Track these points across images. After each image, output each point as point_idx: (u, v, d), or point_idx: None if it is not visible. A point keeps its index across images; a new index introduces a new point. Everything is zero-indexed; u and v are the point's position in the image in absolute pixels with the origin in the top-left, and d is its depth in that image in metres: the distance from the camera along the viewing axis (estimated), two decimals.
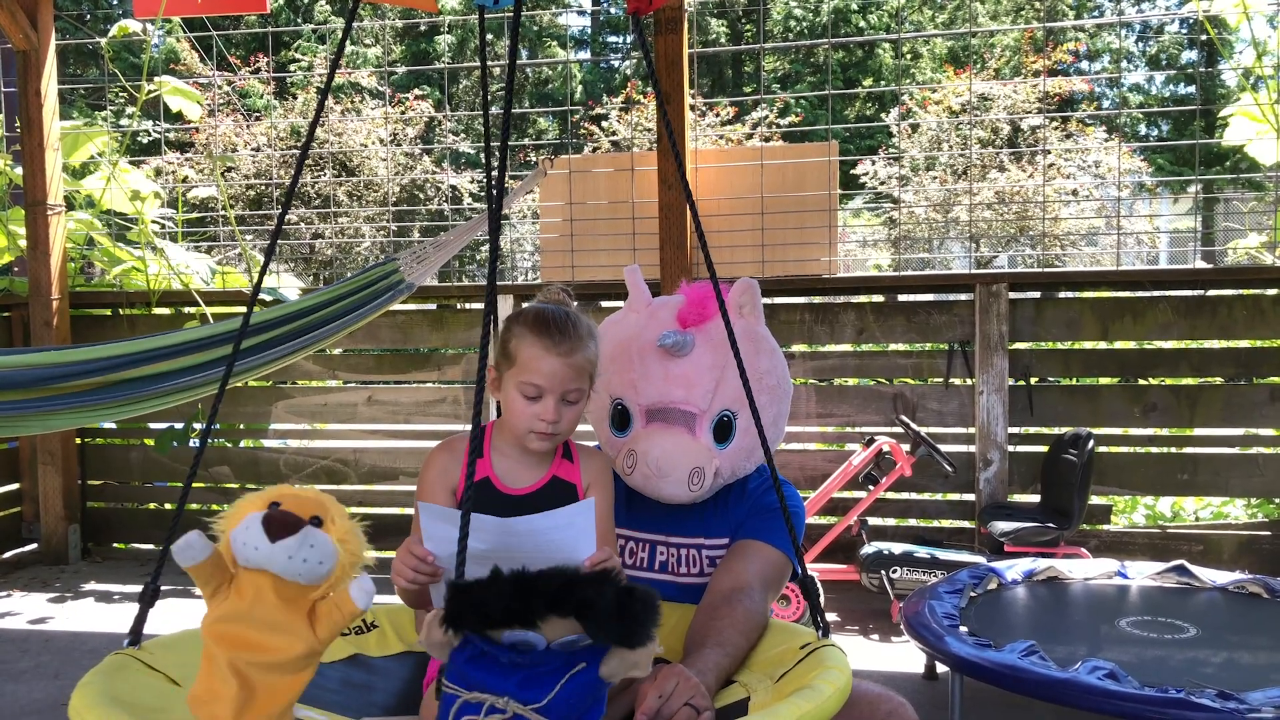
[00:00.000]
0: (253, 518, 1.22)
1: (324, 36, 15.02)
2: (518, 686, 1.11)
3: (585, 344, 1.67)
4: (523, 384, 1.64)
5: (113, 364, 3.13)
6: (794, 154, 4.81)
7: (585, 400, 1.70)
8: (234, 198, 8.05)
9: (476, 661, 1.13)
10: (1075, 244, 8.89)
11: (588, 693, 1.13)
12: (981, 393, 4.23)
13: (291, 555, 1.20)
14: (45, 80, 4.68)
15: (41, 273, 4.73)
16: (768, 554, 1.92)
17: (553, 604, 1.07)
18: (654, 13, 4.19)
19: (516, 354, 1.65)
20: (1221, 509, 4.95)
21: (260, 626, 1.21)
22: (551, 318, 1.67)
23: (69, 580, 4.65)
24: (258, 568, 1.21)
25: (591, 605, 1.06)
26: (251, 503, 1.26)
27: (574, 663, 1.12)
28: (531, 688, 1.11)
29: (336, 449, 4.94)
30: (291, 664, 1.23)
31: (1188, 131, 13.49)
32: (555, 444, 1.70)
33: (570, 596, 1.06)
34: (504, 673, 1.12)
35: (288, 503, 1.24)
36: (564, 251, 4.69)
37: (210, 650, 1.23)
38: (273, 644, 1.21)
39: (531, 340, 1.64)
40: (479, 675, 1.13)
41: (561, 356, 1.63)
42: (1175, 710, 2.17)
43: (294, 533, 1.20)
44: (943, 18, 18.44)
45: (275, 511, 1.22)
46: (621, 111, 9.09)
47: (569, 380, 1.64)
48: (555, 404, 1.63)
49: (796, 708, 1.34)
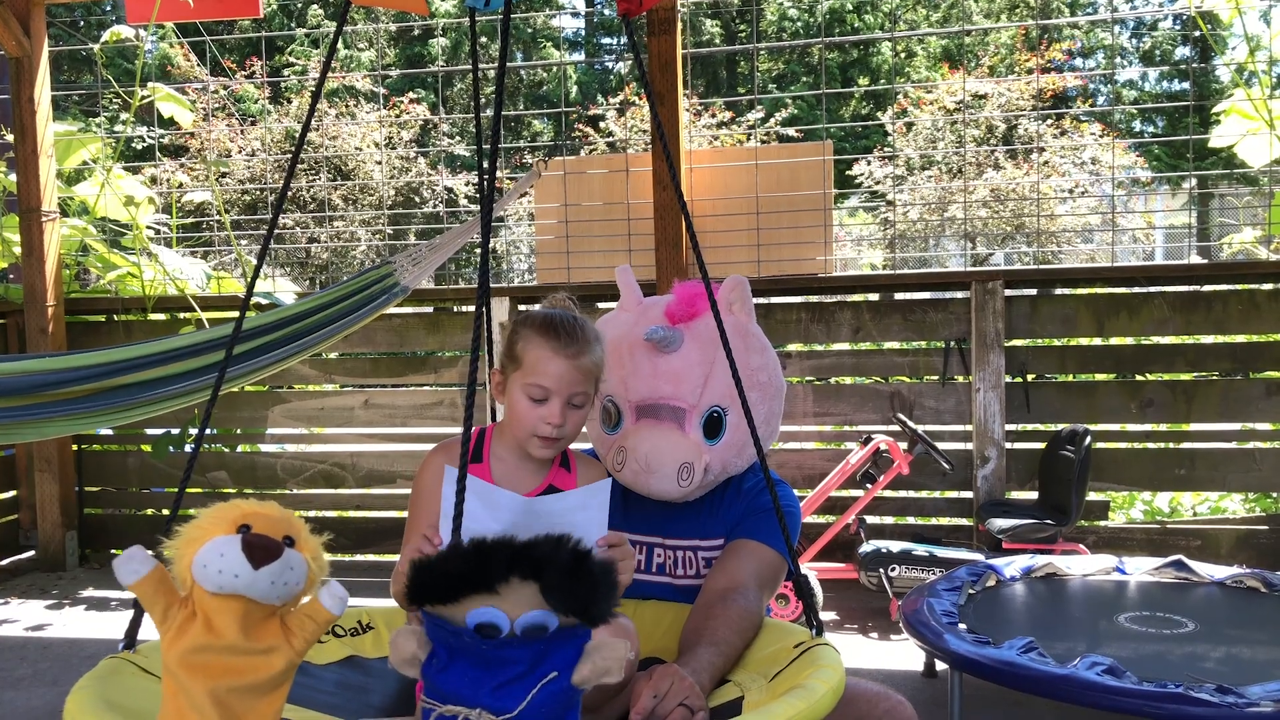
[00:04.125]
0: (226, 543, 1.17)
1: (317, 40, 15.02)
2: (490, 697, 1.11)
3: (592, 347, 1.67)
4: (529, 386, 1.63)
5: (109, 370, 3.12)
6: (789, 154, 4.80)
7: (589, 406, 1.69)
8: (229, 203, 8.05)
9: (446, 672, 1.13)
10: (1071, 241, 8.90)
11: (560, 701, 1.13)
12: (978, 390, 4.23)
13: (274, 580, 1.17)
14: (38, 87, 4.67)
15: (36, 279, 4.73)
16: (763, 554, 1.92)
17: (510, 564, 1.08)
18: (647, 14, 4.19)
19: (523, 356, 1.65)
20: (1219, 504, 4.95)
21: (238, 652, 1.18)
22: (559, 321, 1.67)
23: (66, 587, 4.65)
24: (232, 594, 1.17)
25: (548, 562, 1.08)
26: (214, 524, 1.20)
27: (545, 670, 1.12)
28: (504, 698, 1.11)
29: (334, 453, 4.93)
30: (272, 681, 1.21)
31: (1182, 127, 13.51)
32: (558, 450, 1.69)
33: (528, 554, 1.08)
34: (475, 682, 1.11)
35: (257, 523, 1.19)
36: (560, 253, 4.69)
37: (181, 683, 1.17)
38: (252, 665, 1.19)
39: (539, 342, 1.64)
40: (451, 687, 1.12)
41: (569, 359, 1.63)
42: (1174, 705, 2.17)
43: (276, 557, 1.17)
44: (937, 16, 18.47)
45: (255, 537, 1.17)
46: (617, 113, 9.09)
47: (576, 383, 1.64)
48: (561, 407, 1.63)
49: (790, 707, 1.34)
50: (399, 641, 1.16)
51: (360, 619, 1.93)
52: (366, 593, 4.12)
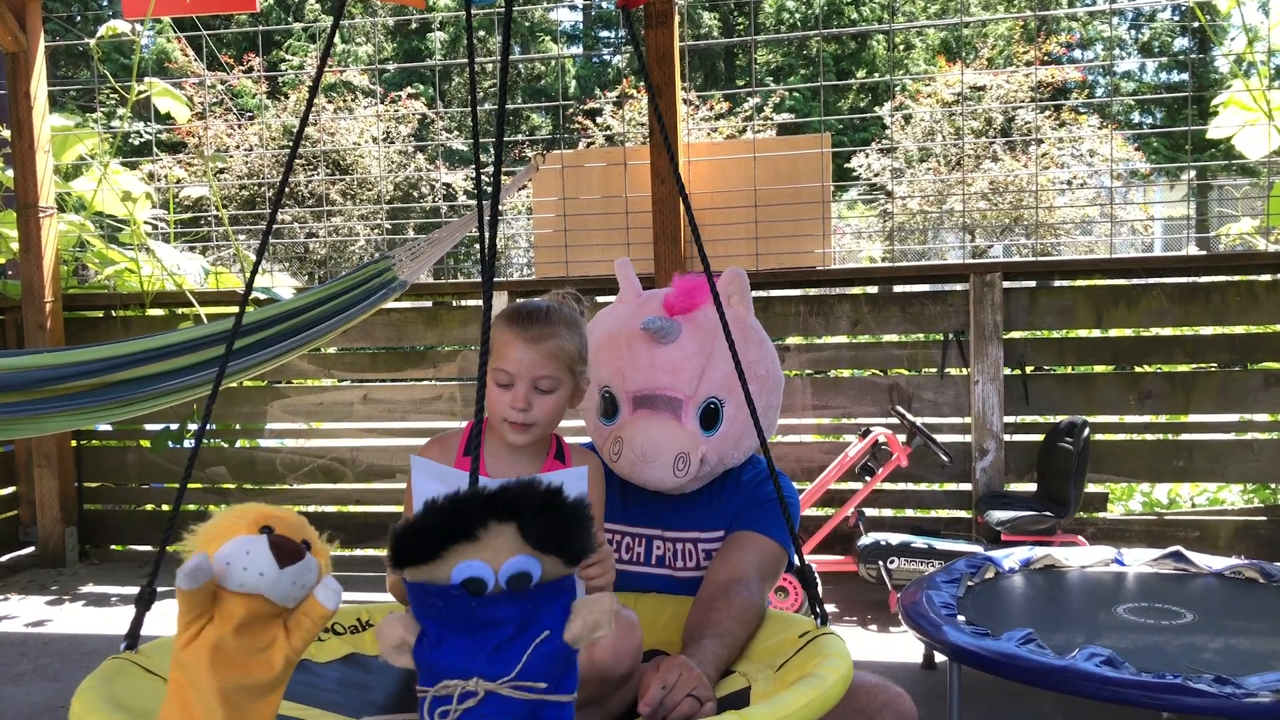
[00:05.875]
0: (252, 542, 1.19)
1: (314, 35, 14.98)
2: (485, 664, 1.11)
3: (557, 331, 1.68)
4: (495, 371, 1.66)
5: (107, 365, 3.12)
6: (787, 146, 4.80)
7: (563, 392, 1.69)
8: (227, 198, 8.04)
9: (438, 649, 1.13)
10: (1069, 233, 8.89)
11: (557, 662, 1.13)
12: (977, 382, 4.24)
13: (294, 581, 1.20)
14: (35, 82, 4.66)
15: (34, 275, 4.72)
16: (764, 545, 1.92)
17: (486, 507, 1.10)
18: (645, 6, 4.18)
19: (494, 344, 1.67)
20: (1217, 495, 4.96)
21: (247, 649, 1.20)
22: (525, 307, 1.70)
23: (67, 583, 4.65)
24: (253, 592, 1.19)
25: (522, 499, 1.10)
26: (235, 524, 1.22)
27: (536, 630, 1.12)
28: (498, 663, 1.11)
29: (333, 448, 4.93)
30: (273, 681, 1.22)
31: (1180, 118, 13.49)
32: (532, 437, 1.69)
33: (502, 496, 1.10)
34: (468, 653, 1.12)
35: (278, 526, 1.22)
36: (558, 247, 4.69)
37: (192, 678, 1.18)
38: (257, 662, 1.21)
39: (504, 329, 1.68)
40: (445, 661, 1.12)
41: (528, 342, 1.65)
42: (1172, 695, 2.18)
43: (300, 559, 1.20)
44: (935, 8, 18.44)
45: (280, 538, 1.21)
46: (615, 106, 9.07)
47: (538, 366, 1.65)
48: (526, 390, 1.65)
49: (802, 695, 1.33)
50: (384, 630, 1.15)
51: (360, 616, 1.93)
52: (366, 588, 4.14)
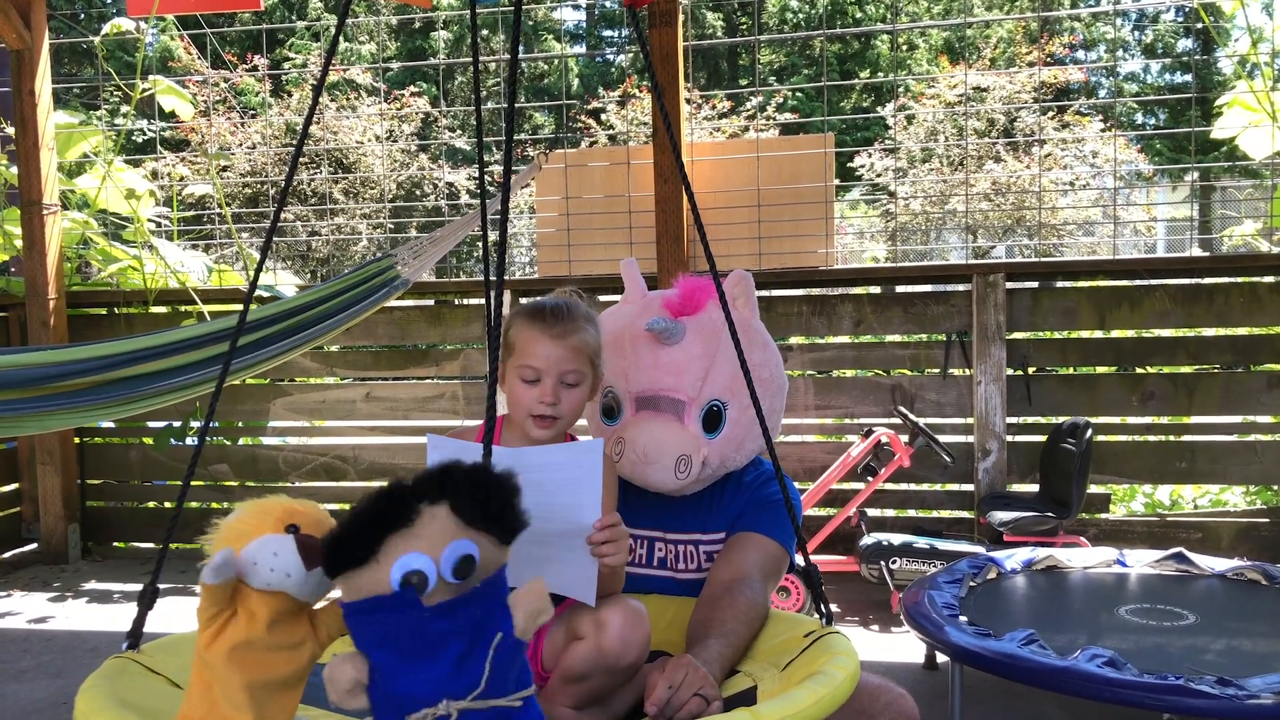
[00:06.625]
0: (279, 541, 1.18)
1: (318, 33, 14.99)
2: (449, 683, 1.08)
3: (581, 327, 1.70)
4: (521, 368, 1.67)
5: (110, 363, 3.13)
6: (790, 146, 4.80)
7: (587, 385, 1.72)
8: (230, 196, 8.04)
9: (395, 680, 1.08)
10: (1072, 234, 8.88)
11: (514, 659, 1.12)
12: (979, 383, 4.24)
13: (321, 580, 1.19)
14: (39, 79, 4.67)
15: (38, 272, 4.73)
16: (766, 546, 1.92)
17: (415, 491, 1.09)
18: (649, 6, 4.18)
19: (515, 342, 1.70)
20: (1220, 496, 4.95)
21: (274, 647, 1.19)
22: (546, 304, 1.72)
23: (69, 580, 4.66)
24: (278, 590, 1.18)
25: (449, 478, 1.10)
26: (259, 521, 1.20)
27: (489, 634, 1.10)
28: (462, 677, 1.08)
29: (335, 446, 4.94)
30: (298, 676, 1.22)
31: (1184, 119, 13.48)
32: (558, 431, 1.70)
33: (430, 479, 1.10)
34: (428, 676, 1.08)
35: (303, 523, 1.21)
36: (561, 246, 4.69)
37: (219, 676, 1.18)
38: (284, 659, 1.20)
39: (527, 326, 1.69)
40: (407, 691, 1.08)
41: (555, 338, 1.67)
42: (1174, 697, 2.18)
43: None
44: (938, 8, 18.42)
45: (307, 538, 1.19)
46: (618, 105, 9.07)
47: (565, 361, 1.67)
48: (554, 385, 1.66)
49: (813, 693, 1.33)
50: (334, 673, 1.09)
51: None
52: None
